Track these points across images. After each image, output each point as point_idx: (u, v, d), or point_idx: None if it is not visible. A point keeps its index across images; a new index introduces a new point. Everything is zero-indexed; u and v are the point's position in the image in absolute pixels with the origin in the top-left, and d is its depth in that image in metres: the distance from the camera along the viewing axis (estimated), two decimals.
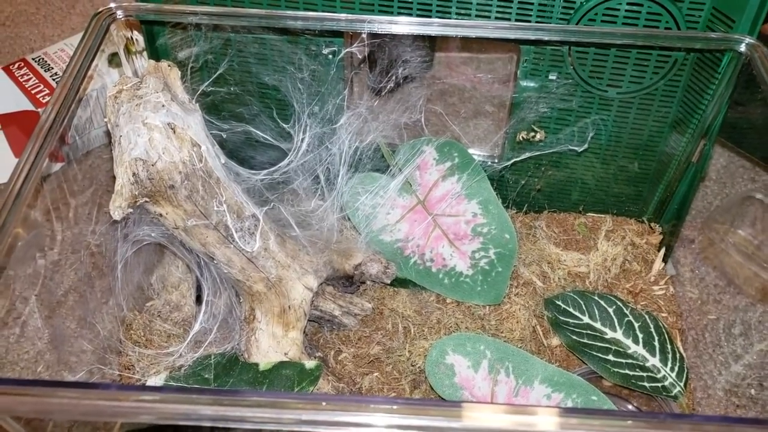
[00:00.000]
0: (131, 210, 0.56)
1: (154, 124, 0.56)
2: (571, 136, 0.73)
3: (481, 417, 0.39)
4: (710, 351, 0.71)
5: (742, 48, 0.61)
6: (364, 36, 0.62)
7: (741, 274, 0.77)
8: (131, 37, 0.85)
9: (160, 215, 0.58)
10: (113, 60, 0.87)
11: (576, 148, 0.73)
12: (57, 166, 0.82)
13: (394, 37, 0.65)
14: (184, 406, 0.40)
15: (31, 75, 0.91)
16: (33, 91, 0.89)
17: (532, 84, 0.70)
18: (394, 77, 0.67)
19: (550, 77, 0.69)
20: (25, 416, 0.47)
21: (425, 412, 0.40)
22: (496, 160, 0.76)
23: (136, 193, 0.56)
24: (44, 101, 0.88)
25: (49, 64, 0.92)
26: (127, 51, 0.81)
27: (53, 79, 0.90)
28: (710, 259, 0.79)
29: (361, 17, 0.62)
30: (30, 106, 0.88)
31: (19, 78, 0.91)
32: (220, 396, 0.41)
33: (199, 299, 0.70)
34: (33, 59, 0.92)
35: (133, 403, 0.40)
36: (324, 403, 0.40)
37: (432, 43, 0.86)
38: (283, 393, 0.58)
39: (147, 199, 0.57)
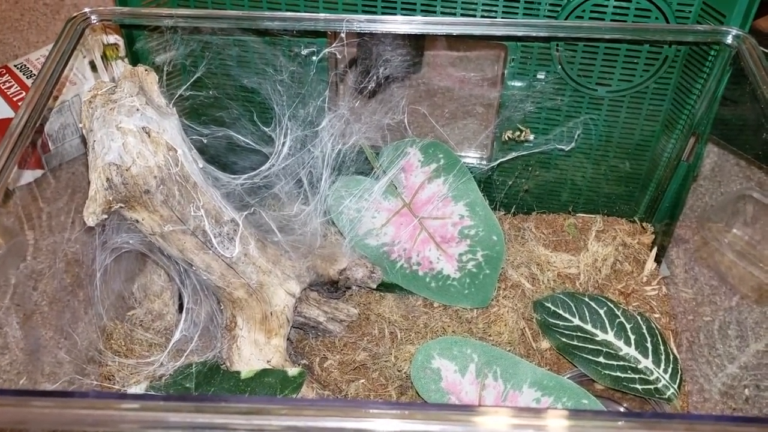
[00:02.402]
0: (106, 216, 0.55)
1: (128, 128, 0.55)
2: (560, 136, 0.72)
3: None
4: (705, 352, 0.70)
5: (729, 40, 0.60)
6: (343, 36, 0.61)
7: (736, 274, 0.75)
8: (114, 43, 0.85)
9: (137, 221, 0.57)
10: (95, 66, 0.86)
11: (564, 148, 0.71)
12: (37, 174, 0.81)
13: (375, 36, 0.64)
14: (164, 413, 0.39)
15: (13, 82, 0.90)
16: (15, 99, 0.88)
17: (519, 83, 0.69)
18: (375, 77, 0.66)
19: (538, 76, 0.68)
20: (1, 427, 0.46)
21: (411, 416, 0.39)
22: (484, 161, 0.75)
23: (111, 198, 0.55)
24: None
25: (31, 71, 0.91)
26: (105, 57, 0.80)
27: None
28: (704, 258, 0.77)
29: (340, 16, 0.61)
30: (11, 114, 0.87)
31: (1, 85, 0.90)
32: (201, 403, 0.40)
33: (181, 308, 0.69)
34: (15, 66, 0.91)
35: (112, 411, 0.39)
36: (307, 409, 0.39)
37: (420, 43, 0.85)
38: (265, 398, 0.56)
39: (122, 205, 0.56)
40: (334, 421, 0.39)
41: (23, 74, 0.91)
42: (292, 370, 0.61)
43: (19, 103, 0.87)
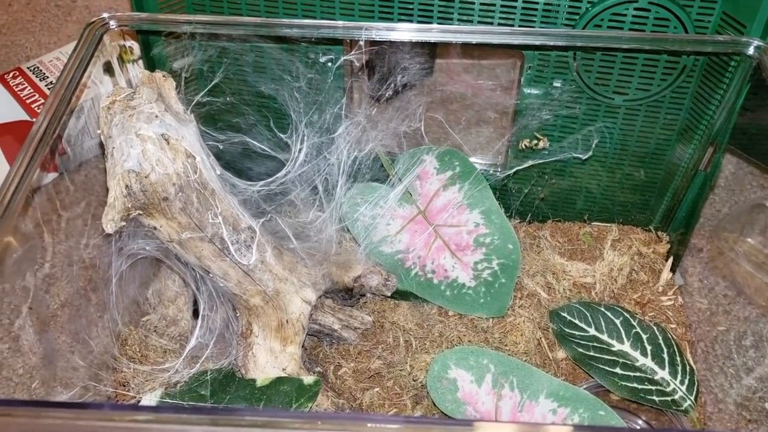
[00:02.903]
0: (124, 223, 0.55)
1: (147, 135, 0.55)
2: (576, 144, 0.72)
3: None
4: (721, 363, 0.69)
5: (751, 51, 0.59)
6: (362, 43, 0.61)
7: (751, 284, 0.75)
8: (126, 46, 0.84)
9: (154, 228, 0.57)
10: (109, 68, 0.86)
11: (580, 156, 0.71)
12: (50, 177, 0.81)
13: (392, 44, 0.64)
14: (179, 426, 0.39)
15: (26, 84, 0.90)
16: (28, 101, 0.88)
17: (536, 91, 0.69)
18: (393, 85, 0.66)
19: (555, 84, 0.68)
20: None
21: (427, 430, 0.39)
22: (499, 169, 0.75)
23: (129, 205, 0.55)
24: (39, 111, 0.86)
25: (44, 73, 0.91)
26: (121, 60, 0.80)
27: (48, 89, 0.90)
28: (719, 268, 0.77)
29: (358, 24, 0.61)
30: (25, 116, 0.87)
31: (14, 87, 0.90)
32: (216, 416, 0.40)
33: (196, 313, 0.69)
34: (28, 68, 0.92)
35: (127, 423, 0.39)
36: (319, 422, 0.39)
37: (432, 49, 0.85)
38: (280, 411, 0.56)
39: (140, 212, 0.56)
40: None
41: (36, 76, 0.91)
42: (308, 379, 0.61)
43: (32, 105, 0.88)
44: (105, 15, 0.61)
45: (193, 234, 0.57)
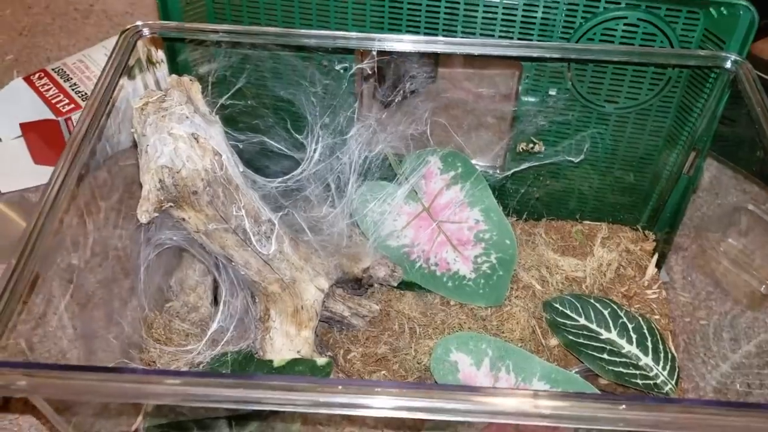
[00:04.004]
0: (157, 214, 0.60)
1: (179, 134, 0.59)
2: (570, 149, 0.76)
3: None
4: (700, 353, 0.74)
5: (728, 65, 0.64)
6: (374, 53, 0.66)
7: (730, 281, 0.79)
8: (150, 50, 0.89)
9: (183, 219, 0.62)
10: (131, 72, 0.90)
11: (573, 159, 0.76)
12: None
13: (402, 54, 0.69)
14: (206, 389, 0.43)
15: (51, 85, 0.94)
16: (53, 101, 0.92)
17: (532, 99, 0.73)
18: (401, 91, 0.71)
19: (550, 93, 0.73)
20: (55, 397, 0.50)
21: (427, 394, 0.43)
22: (498, 171, 0.79)
23: (162, 198, 0.59)
24: (64, 110, 0.91)
25: (68, 75, 0.96)
26: (150, 62, 0.85)
27: (72, 89, 0.94)
28: (701, 266, 0.82)
29: (371, 35, 0.66)
30: (50, 115, 0.91)
31: (40, 88, 0.94)
32: (240, 379, 0.44)
33: (215, 301, 0.73)
34: (53, 70, 0.96)
35: (157, 386, 0.43)
36: (340, 387, 0.44)
37: (435, 59, 0.90)
38: (296, 377, 0.61)
39: (171, 204, 0.60)
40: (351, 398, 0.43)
41: (61, 78, 0.95)
42: (321, 360, 0.65)
43: (57, 105, 0.92)
44: (139, 23, 0.66)
45: (218, 225, 0.62)
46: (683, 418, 0.42)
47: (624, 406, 0.43)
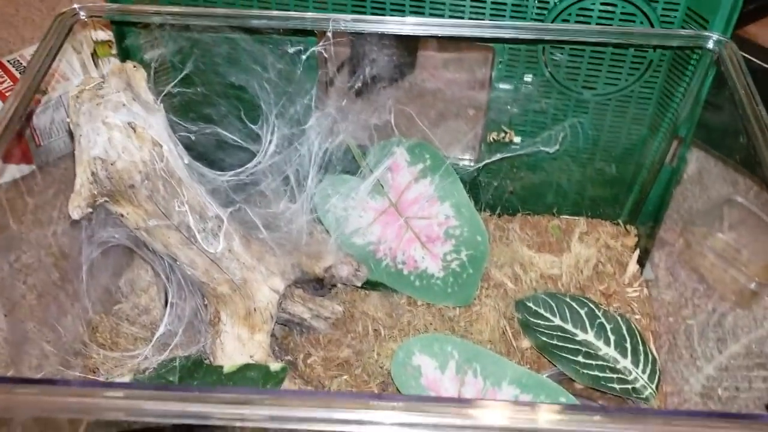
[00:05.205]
0: (91, 210, 0.56)
1: (114, 123, 0.56)
2: (546, 139, 0.73)
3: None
4: (684, 354, 0.70)
5: (710, 44, 0.60)
6: (329, 35, 0.62)
7: (718, 278, 0.76)
8: (107, 40, 0.85)
9: (121, 215, 0.58)
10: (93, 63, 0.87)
11: (549, 150, 0.72)
12: (27, 170, 0.81)
13: (366, 37, 0.64)
14: (150, 402, 0.40)
15: (6, 77, 0.90)
16: (7, 94, 0.89)
17: (506, 86, 0.70)
18: (362, 77, 0.66)
19: (526, 79, 0.69)
20: None
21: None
22: (471, 163, 0.76)
23: (96, 192, 0.56)
24: None
25: (23, 66, 0.92)
26: (96, 54, 0.81)
27: None
28: (687, 262, 0.78)
29: (327, 16, 0.62)
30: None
31: None
32: (187, 392, 0.41)
33: (167, 302, 0.69)
34: (8, 61, 0.92)
35: (98, 399, 0.40)
36: (297, 401, 0.40)
37: (414, 45, 0.86)
38: (247, 389, 0.57)
39: (107, 199, 0.57)
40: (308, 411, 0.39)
41: (16, 70, 0.91)
42: (275, 365, 0.61)
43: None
44: (76, 6, 0.62)
45: (159, 221, 0.58)
46: (660, 430, 0.38)
47: (598, 417, 0.38)
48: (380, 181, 0.72)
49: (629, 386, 0.62)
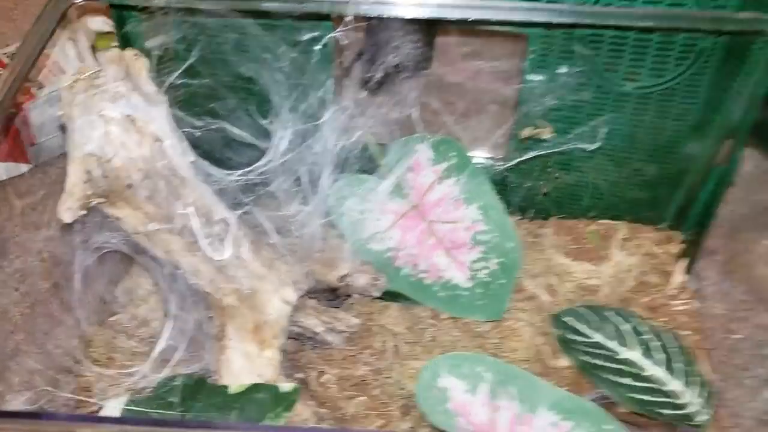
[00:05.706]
0: (84, 212, 0.51)
1: (111, 116, 0.51)
2: (583, 135, 0.68)
3: None
4: (738, 374, 0.64)
5: None
6: (349, 19, 0.57)
7: None
8: (109, 32, 0.80)
9: (117, 218, 0.53)
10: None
11: (586, 147, 0.67)
12: (24, 168, 0.77)
13: (383, 23, 0.59)
14: None
15: (2, 71, 0.86)
16: None
17: (539, 77, 0.65)
18: (382, 67, 0.61)
19: (560, 70, 0.64)
20: None
21: None
22: (499, 161, 0.71)
23: (90, 193, 0.51)
24: None
25: None
26: (95, 47, 0.76)
27: None
28: (736, 272, 0.72)
29: None
30: None
31: None
32: (185, 429, 0.36)
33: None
34: (4, 54, 0.89)
35: None
36: None
37: (431, 38, 0.81)
38: (254, 425, 0.51)
39: (102, 200, 0.52)
40: None
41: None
42: (285, 386, 0.56)
43: None
44: None
45: (160, 225, 0.53)
46: None
47: None
48: (400, 181, 0.68)
49: (681, 412, 0.57)
